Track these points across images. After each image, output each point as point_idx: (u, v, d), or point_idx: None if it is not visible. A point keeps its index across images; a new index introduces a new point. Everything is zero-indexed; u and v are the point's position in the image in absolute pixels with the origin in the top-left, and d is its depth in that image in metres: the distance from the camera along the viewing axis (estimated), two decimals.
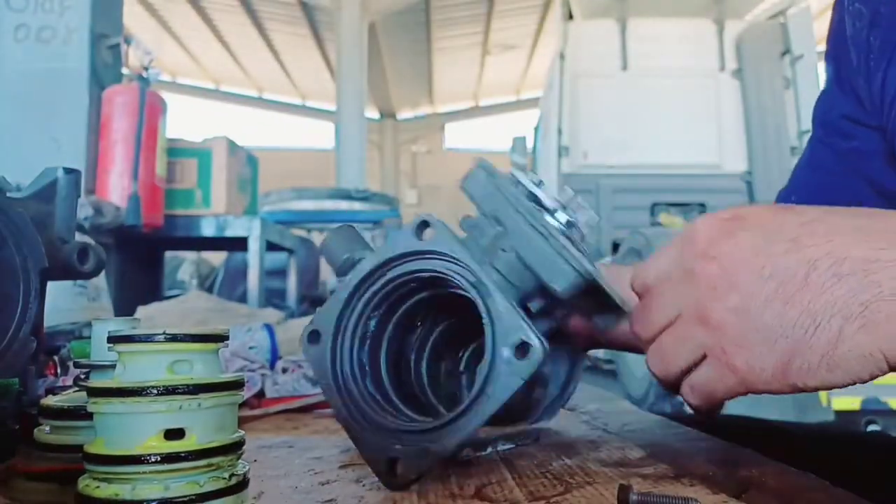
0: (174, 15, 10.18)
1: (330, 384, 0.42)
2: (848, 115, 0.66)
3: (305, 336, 0.43)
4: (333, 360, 0.42)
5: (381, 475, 0.39)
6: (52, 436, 0.39)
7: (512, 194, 0.42)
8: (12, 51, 2.13)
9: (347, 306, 0.43)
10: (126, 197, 2.08)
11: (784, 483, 0.41)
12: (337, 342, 0.43)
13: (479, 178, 0.44)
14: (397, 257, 0.43)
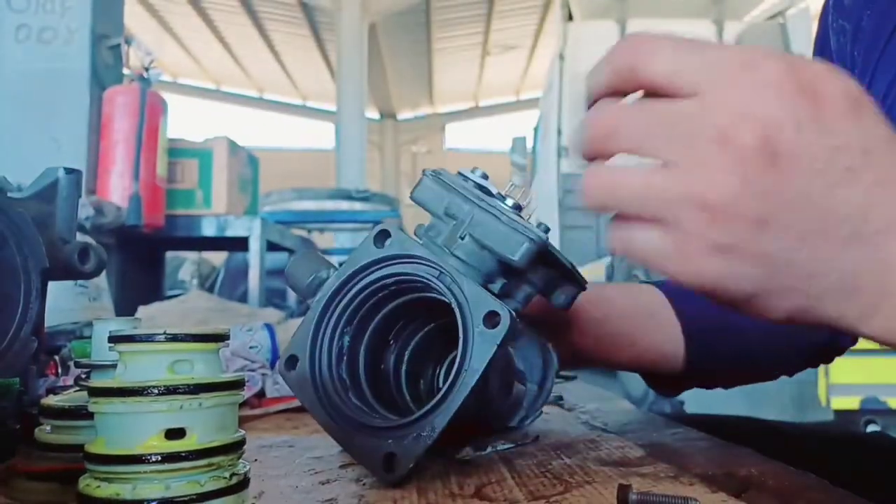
0: (175, 15, 10.18)
1: (314, 401, 0.43)
2: None
3: (283, 362, 0.44)
4: (314, 380, 0.43)
5: (380, 473, 0.40)
6: (52, 435, 0.39)
7: (461, 187, 0.44)
8: (13, 51, 2.13)
9: (319, 326, 0.44)
10: (127, 197, 2.08)
11: (784, 483, 0.41)
12: (315, 363, 0.43)
13: (426, 185, 0.45)
14: (360, 269, 0.44)
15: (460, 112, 14.63)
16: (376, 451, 0.40)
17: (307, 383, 0.43)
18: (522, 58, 11.95)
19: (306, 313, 0.45)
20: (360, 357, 0.45)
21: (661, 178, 0.31)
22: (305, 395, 0.43)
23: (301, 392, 0.43)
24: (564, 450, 0.49)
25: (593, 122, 0.33)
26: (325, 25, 9.98)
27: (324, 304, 0.44)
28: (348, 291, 0.44)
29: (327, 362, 0.43)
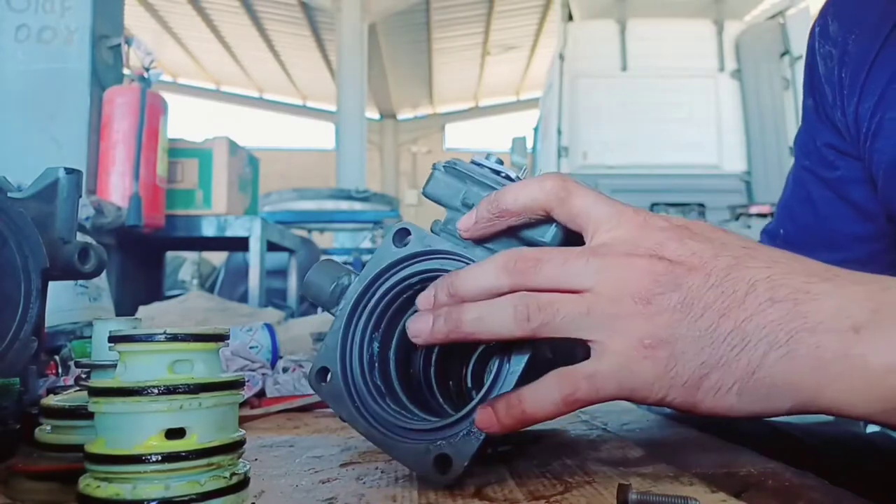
0: (175, 15, 10.18)
1: (352, 413, 0.41)
2: (831, 145, 0.67)
3: (314, 375, 0.43)
4: (349, 391, 0.42)
5: (433, 475, 0.39)
6: (53, 435, 0.39)
7: (478, 174, 0.43)
8: (13, 51, 2.13)
9: (347, 334, 0.43)
10: (127, 197, 2.08)
11: (784, 483, 0.41)
12: (347, 373, 0.42)
13: (438, 178, 0.44)
14: (384, 271, 0.43)
15: (460, 112, 14.63)
16: (427, 454, 0.39)
17: (342, 395, 0.41)
18: (522, 58, 11.95)
19: (332, 323, 0.43)
20: (391, 362, 0.44)
21: (589, 299, 0.36)
22: (342, 406, 0.42)
23: (337, 404, 0.42)
24: (564, 450, 0.49)
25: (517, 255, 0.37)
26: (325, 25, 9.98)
27: (349, 311, 0.43)
28: (373, 295, 0.43)
29: (360, 371, 0.42)
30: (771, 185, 4.59)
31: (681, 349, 0.34)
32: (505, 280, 0.37)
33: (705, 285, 0.35)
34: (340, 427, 0.59)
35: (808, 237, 0.71)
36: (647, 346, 0.35)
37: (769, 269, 0.35)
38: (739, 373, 0.34)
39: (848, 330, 0.33)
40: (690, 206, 4.63)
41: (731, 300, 0.34)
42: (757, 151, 4.74)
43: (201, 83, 13.35)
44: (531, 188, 0.39)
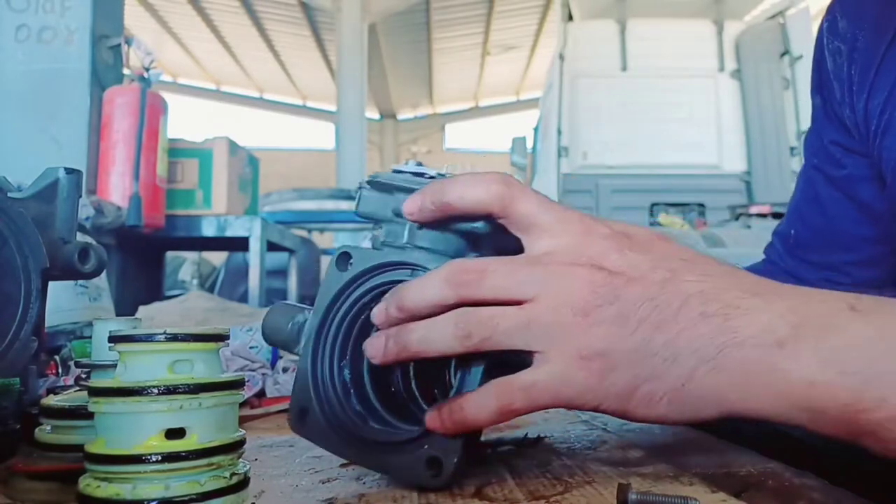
0: (175, 15, 10.18)
1: (339, 445, 0.41)
2: (838, 142, 0.67)
3: (295, 419, 0.42)
4: (331, 424, 0.41)
5: (428, 481, 0.39)
6: (53, 435, 0.39)
7: (402, 181, 0.43)
8: (13, 51, 2.13)
9: (315, 370, 0.42)
10: (127, 197, 2.08)
11: (784, 483, 0.41)
12: (324, 407, 0.42)
13: (366, 197, 0.45)
14: (335, 299, 0.43)
15: (460, 112, 14.64)
16: (417, 462, 0.39)
17: (326, 430, 0.41)
18: (522, 58, 11.95)
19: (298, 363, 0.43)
20: (367, 384, 0.43)
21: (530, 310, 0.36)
22: (328, 441, 0.41)
23: (323, 440, 0.41)
24: (564, 450, 0.49)
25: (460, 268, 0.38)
26: (325, 25, 9.98)
27: (311, 346, 0.42)
28: (331, 325, 0.43)
29: (336, 401, 0.42)
30: (771, 185, 4.59)
31: (615, 361, 0.35)
32: (449, 293, 0.37)
33: (641, 298, 0.36)
34: None
35: (819, 238, 0.71)
36: (584, 357, 0.36)
37: (703, 283, 0.36)
38: (670, 384, 0.35)
39: (773, 345, 0.34)
40: (690, 206, 4.63)
41: (665, 314, 0.35)
42: (757, 151, 4.74)
43: (201, 83, 13.35)
44: (477, 190, 0.39)
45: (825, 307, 0.35)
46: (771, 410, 0.35)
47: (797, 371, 0.34)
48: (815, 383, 0.33)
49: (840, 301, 0.36)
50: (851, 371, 0.33)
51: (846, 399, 0.33)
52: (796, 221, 0.73)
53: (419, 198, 0.40)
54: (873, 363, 0.33)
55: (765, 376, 0.34)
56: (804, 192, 0.72)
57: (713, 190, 4.63)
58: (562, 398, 0.36)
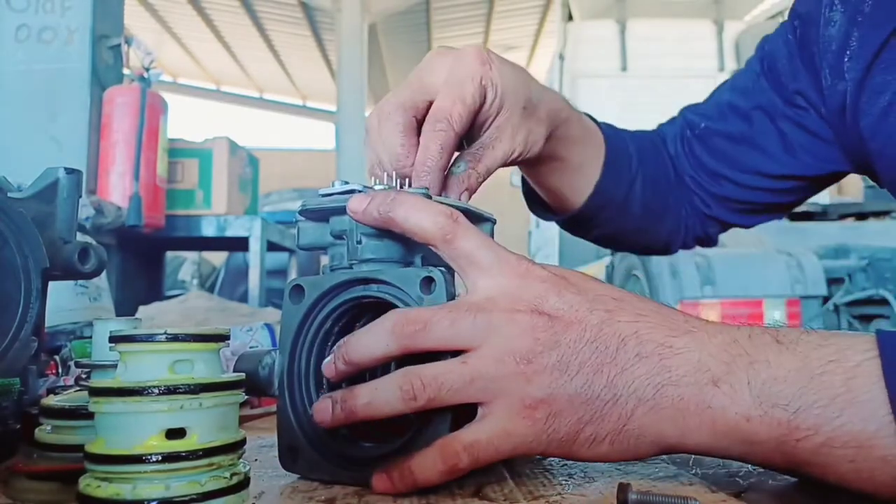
0: (175, 15, 10.18)
1: (338, 473, 0.41)
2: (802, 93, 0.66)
3: (284, 458, 0.42)
4: (323, 455, 0.41)
5: None
6: (53, 435, 0.39)
7: (331, 202, 0.43)
8: (13, 51, 2.13)
9: (295, 407, 0.42)
10: (127, 197, 2.08)
11: (782, 482, 0.41)
12: (313, 442, 0.41)
13: (304, 228, 0.45)
14: (297, 334, 0.43)
15: None
16: None
17: (319, 462, 0.41)
18: (522, 58, 11.95)
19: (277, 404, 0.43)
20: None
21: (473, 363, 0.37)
22: (323, 471, 0.41)
23: (318, 472, 0.41)
24: None
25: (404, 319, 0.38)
26: (325, 25, 9.98)
27: (287, 383, 0.42)
28: (300, 359, 0.43)
29: (323, 432, 0.41)
30: None
31: (558, 408, 0.36)
32: (394, 345, 0.37)
33: (581, 341, 0.37)
34: None
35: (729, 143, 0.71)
36: (528, 406, 0.36)
37: (636, 323, 0.37)
38: (611, 426, 0.36)
39: (707, 383, 0.36)
40: None
41: (603, 356, 0.36)
42: None
43: (201, 83, 13.35)
44: (422, 216, 0.39)
45: (752, 342, 0.37)
46: (709, 445, 0.36)
47: (732, 407, 0.35)
48: (751, 418, 0.35)
49: (765, 335, 0.37)
50: (783, 403, 0.34)
51: (781, 430, 0.34)
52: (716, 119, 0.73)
53: (366, 199, 0.40)
54: (802, 394, 0.34)
55: (702, 414, 0.36)
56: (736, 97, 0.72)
57: None
58: (503, 451, 0.37)
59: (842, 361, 0.34)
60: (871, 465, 0.33)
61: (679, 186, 0.76)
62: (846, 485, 0.35)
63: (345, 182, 0.45)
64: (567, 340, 0.36)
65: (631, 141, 0.75)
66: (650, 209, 0.74)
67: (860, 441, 0.33)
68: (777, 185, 0.71)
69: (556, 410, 0.36)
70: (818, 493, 0.38)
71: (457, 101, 0.49)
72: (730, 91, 0.74)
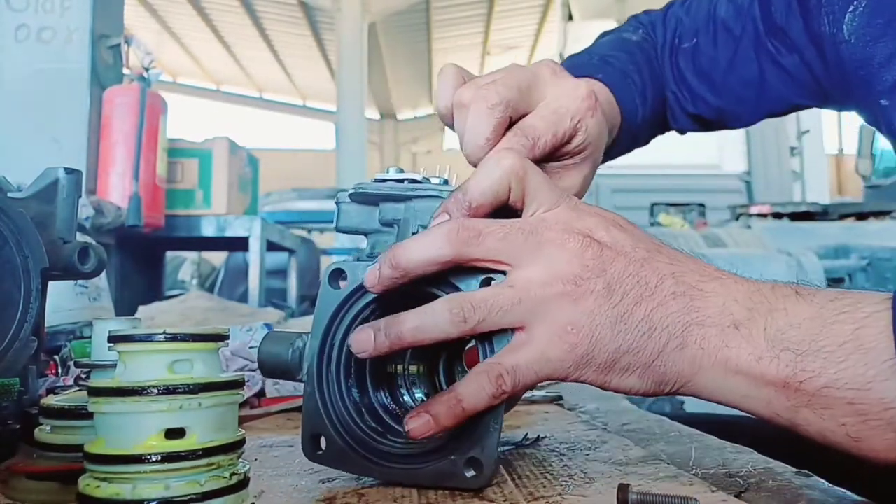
0: (174, 15, 10.18)
1: (364, 464, 0.40)
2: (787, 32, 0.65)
3: (307, 446, 0.41)
4: (351, 446, 0.40)
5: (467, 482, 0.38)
6: (52, 435, 0.39)
7: (387, 188, 0.43)
8: (13, 51, 2.13)
9: (323, 394, 0.41)
10: (127, 197, 2.08)
11: (784, 483, 0.41)
12: (340, 431, 0.41)
13: (347, 210, 0.44)
14: (332, 319, 0.42)
15: None
16: (455, 466, 0.38)
17: (345, 453, 0.40)
18: (522, 58, 11.95)
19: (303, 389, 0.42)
20: (376, 402, 0.43)
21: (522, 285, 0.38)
22: (350, 464, 0.40)
23: (345, 464, 0.41)
24: (564, 450, 0.49)
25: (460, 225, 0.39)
26: (325, 25, 9.98)
27: (315, 370, 0.41)
28: (332, 346, 0.42)
29: (351, 422, 0.41)
30: (771, 184, 4.59)
31: (598, 335, 0.38)
32: (448, 250, 0.38)
33: (625, 272, 0.38)
34: None
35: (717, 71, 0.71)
36: (570, 332, 0.38)
37: (673, 265, 0.39)
38: (644, 359, 0.38)
39: (729, 325, 0.38)
40: (691, 205, 4.63)
41: (644, 289, 0.38)
42: (757, 151, 4.74)
43: (201, 83, 13.35)
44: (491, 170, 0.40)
45: (774, 293, 0.39)
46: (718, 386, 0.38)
47: (747, 348, 0.37)
48: (762, 358, 0.37)
49: (786, 288, 0.39)
50: (793, 347, 0.36)
51: (788, 371, 0.36)
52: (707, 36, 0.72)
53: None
54: (812, 339, 0.36)
55: (719, 353, 0.37)
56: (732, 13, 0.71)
57: (713, 190, 4.64)
58: (543, 375, 0.38)
59: (853, 313, 0.36)
60: (868, 407, 0.35)
61: None
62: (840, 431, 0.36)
63: (400, 170, 0.44)
64: (613, 270, 0.38)
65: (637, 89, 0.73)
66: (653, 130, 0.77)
67: (860, 384, 0.35)
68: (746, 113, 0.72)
69: (596, 338, 0.37)
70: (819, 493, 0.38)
71: (549, 132, 0.50)
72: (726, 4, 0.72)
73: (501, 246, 0.38)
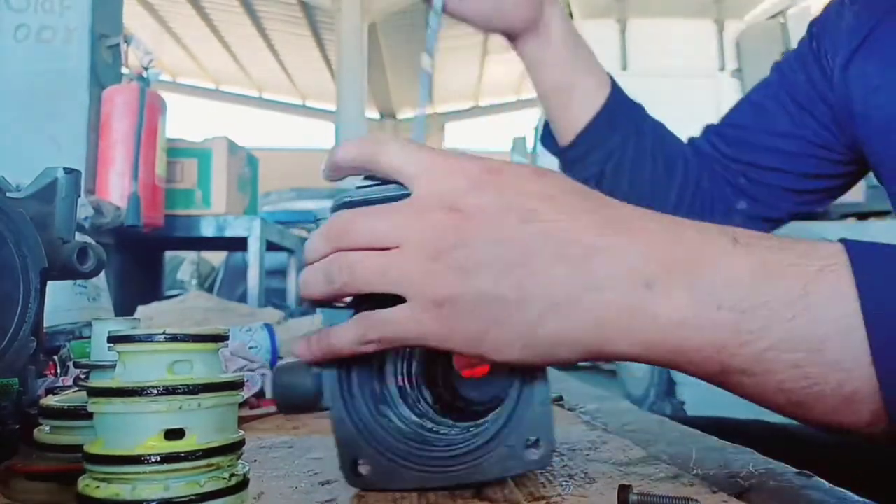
0: (174, 15, 10.18)
1: (420, 477, 0.39)
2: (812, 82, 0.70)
3: (350, 474, 0.39)
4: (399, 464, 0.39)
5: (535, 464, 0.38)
6: (51, 436, 0.39)
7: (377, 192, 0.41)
8: (12, 51, 2.13)
9: (353, 418, 0.40)
10: (126, 197, 2.08)
11: (784, 483, 0.41)
12: (382, 451, 0.39)
13: None
14: None
15: (460, 111, 14.63)
16: (515, 452, 0.38)
17: (395, 471, 0.39)
18: None
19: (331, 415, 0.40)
20: (402, 416, 0.41)
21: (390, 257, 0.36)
22: (403, 479, 0.39)
23: (397, 481, 0.39)
24: (565, 450, 0.49)
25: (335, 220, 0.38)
26: (325, 25, 9.97)
27: (339, 391, 0.40)
28: (350, 366, 0.40)
29: (392, 439, 0.39)
30: None
31: (461, 308, 0.35)
32: (325, 245, 0.38)
33: (490, 240, 0.35)
34: None
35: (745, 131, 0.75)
36: (435, 303, 0.35)
37: (563, 222, 0.35)
38: (519, 330, 0.35)
39: (638, 286, 0.33)
40: None
41: (514, 256, 0.34)
42: None
43: (200, 83, 13.35)
44: (347, 147, 0.40)
45: (703, 240, 0.34)
46: (634, 353, 0.34)
47: (665, 312, 0.33)
48: (686, 322, 0.33)
49: (720, 235, 0.34)
50: (729, 305, 0.32)
51: (723, 335, 0.32)
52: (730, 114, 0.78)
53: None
54: (752, 295, 0.32)
55: (627, 319, 0.33)
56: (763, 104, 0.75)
57: None
58: (413, 338, 0.36)
59: (803, 266, 0.32)
60: (819, 370, 0.31)
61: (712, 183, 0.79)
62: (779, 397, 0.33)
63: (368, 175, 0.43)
64: (475, 239, 0.35)
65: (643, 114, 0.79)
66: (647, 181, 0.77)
67: (812, 344, 0.31)
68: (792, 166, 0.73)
69: (459, 311, 0.35)
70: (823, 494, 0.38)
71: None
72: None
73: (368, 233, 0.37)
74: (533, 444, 0.38)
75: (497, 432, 0.39)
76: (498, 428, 0.39)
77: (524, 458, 0.38)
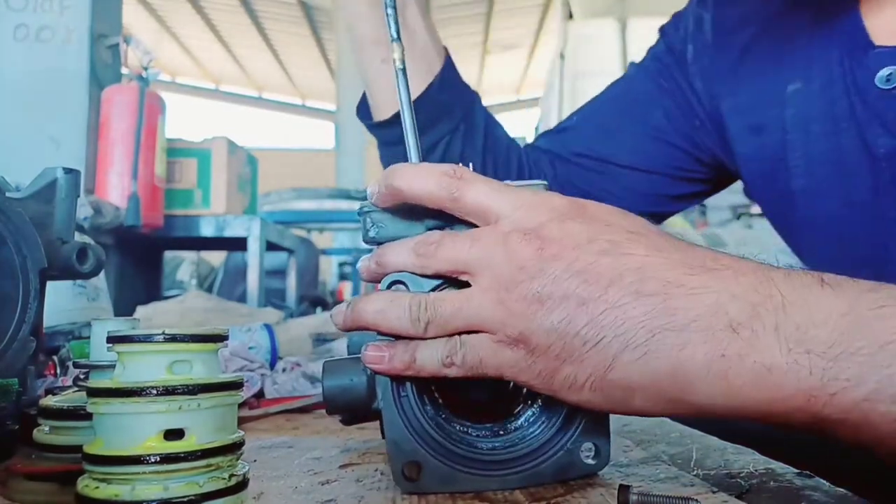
0: (174, 15, 10.18)
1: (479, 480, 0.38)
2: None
3: (401, 480, 0.38)
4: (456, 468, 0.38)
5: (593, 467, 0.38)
6: (51, 436, 0.39)
7: None
8: (12, 51, 2.12)
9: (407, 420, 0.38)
10: (125, 197, 2.08)
11: (785, 484, 0.41)
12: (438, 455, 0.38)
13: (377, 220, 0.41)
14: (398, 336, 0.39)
15: None
16: (572, 455, 0.38)
17: (453, 475, 0.38)
18: (522, 57, 11.95)
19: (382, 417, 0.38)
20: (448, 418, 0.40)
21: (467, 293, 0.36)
22: (461, 482, 0.38)
23: (452, 484, 0.38)
24: None
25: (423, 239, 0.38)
26: (325, 25, 9.98)
27: (391, 395, 0.38)
28: None
29: (448, 442, 0.38)
30: None
31: (535, 342, 0.34)
32: (412, 261, 0.38)
33: (568, 271, 0.33)
34: (340, 429, 0.59)
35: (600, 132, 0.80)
36: (507, 337, 0.34)
37: (646, 257, 0.33)
38: (591, 369, 0.33)
39: (723, 328, 0.31)
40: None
41: (591, 290, 0.33)
42: None
43: (200, 82, 13.35)
44: (424, 181, 0.37)
45: (790, 282, 0.32)
46: (715, 404, 0.32)
47: (752, 355, 0.30)
48: (775, 367, 0.30)
49: (806, 276, 0.32)
50: (819, 350, 0.30)
51: (813, 382, 0.30)
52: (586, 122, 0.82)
53: (374, 184, 0.40)
54: (845, 339, 0.29)
55: (710, 365, 0.31)
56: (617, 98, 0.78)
57: None
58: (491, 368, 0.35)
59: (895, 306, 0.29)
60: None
61: None
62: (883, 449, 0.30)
63: None
64: (552, 270, 0.33)
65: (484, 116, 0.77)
66: None
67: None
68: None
69: (533, 345, 0.34)
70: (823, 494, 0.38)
71: None
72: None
73: (451, 256, 0.36)
74: (590, 448, 0.38)
75: (548, 439, 0.38)
76: (553, 431, 0.38)
77: (582, 463, 0.38)
